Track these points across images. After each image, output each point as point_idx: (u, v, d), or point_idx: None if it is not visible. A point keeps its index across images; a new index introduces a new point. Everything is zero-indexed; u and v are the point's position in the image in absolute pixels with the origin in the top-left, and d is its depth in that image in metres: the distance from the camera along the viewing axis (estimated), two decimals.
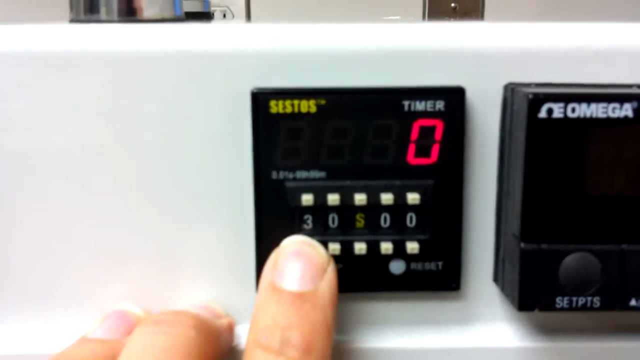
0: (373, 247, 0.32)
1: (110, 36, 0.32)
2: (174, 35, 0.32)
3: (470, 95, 0.31)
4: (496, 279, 0.33)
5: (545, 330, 0.33)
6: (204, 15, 0.47)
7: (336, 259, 0.32)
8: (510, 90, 0.31)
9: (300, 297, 0.28)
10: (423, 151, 0.31)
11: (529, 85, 0.31)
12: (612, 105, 0.29)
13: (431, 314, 0.33)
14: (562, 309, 0.30)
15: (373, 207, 0.32)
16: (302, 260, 0.30)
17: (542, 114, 0.29)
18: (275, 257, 0.30)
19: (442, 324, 0.34)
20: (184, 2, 0.42)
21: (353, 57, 0.32)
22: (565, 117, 0.29)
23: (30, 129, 0.32)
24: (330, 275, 0.30)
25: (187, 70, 0.31)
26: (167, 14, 0.36)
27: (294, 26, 0.32)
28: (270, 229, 0.32)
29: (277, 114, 0.31)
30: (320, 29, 0.32)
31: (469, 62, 0.32)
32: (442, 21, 0.52)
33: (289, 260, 0.30)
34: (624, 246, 0.30)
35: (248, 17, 0.50)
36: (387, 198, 0.31)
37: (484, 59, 0.32)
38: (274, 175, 0.32)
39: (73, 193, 0.32)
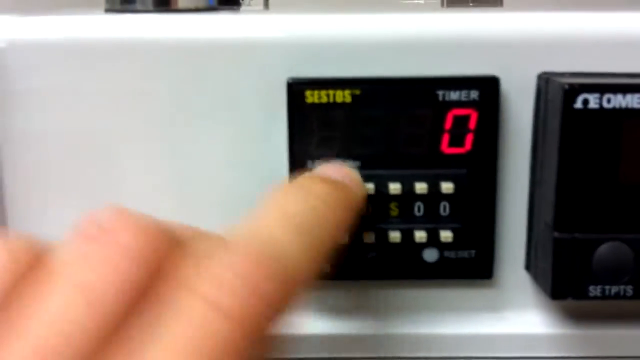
0: (407, 235, 0.32)
1: (146, 26, 0.32)
2: (210, 26, 0.32)
3: (504, 85, 0.32)
4: (528, 267, 0.33)
5: (577, 318, 0.34)
6: (234, 2, 0.47)
7: (370, 247, 0.32)
8: (545, 80, 0.31)
9: (333, 183, 0.28)
10: (457, 140, 0.32)
11: (563, 74, 0.31)
12: None
13: (464, 301, 0.34)
14: (594, 297, 0.30)
15: (407, 196, 0.32)
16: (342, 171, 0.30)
17: (578, 104, 0.29)
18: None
19: (474, 311, 0.34)
20: None
21: (388, 47, 0.32)
22: (601, 108, 0.29)
23: (69, 115, 0.32)
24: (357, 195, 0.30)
25: (222, 61, 0.32)
26: (201, 3, 0.36)
27: (329, 16, 0.32)
28: None
29: (313, 104, 0.31)
30: (355, 18, 0.32)
31: (503, 51, 0.32)
32: (462, 6, 0.52)
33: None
34: None
35: (266, 3, 0.50)
36: (421, 187, 0.32)
37: (518, 48, 0.32)
38: (309, 164, 0.32)
39: (108, 178, 0.33)
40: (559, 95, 0.29)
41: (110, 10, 0.36)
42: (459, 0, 0.56)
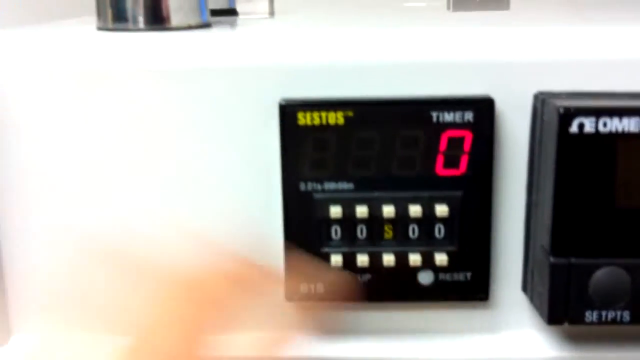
0: (401, 258, 0.32)
1: (138, 47, 0.32)
2: (202, 48, 0.32)
3: (499, 105, 0.31)
4: (525, 288, 0.33)
5: (574, 340, 0.33)
6: (230, 12, 0.47)
7: (364, 270, 0.32)
8: (541, 101, 0.31)
9: None
10: (451, 162, 0.31)
11: (559, 95, 0.31)
12: None
13: (460, 323, 0.34)
14: (591, 322, 0.30)
15: (401, 219, 0.32)
16: None
17: (574, 128, 0.29)
18: None
19: (470, 333, 0.34)
20: (210, 0, 0.42)
21: (381, 67, 0.31)
22: (597, 132, 0.29)
23: (66, 138, 0.32)
24: None
25: (215, 82, 0.31)
26: (194, 21, 0.35)
27: (322, 37, 0.32)
28: (298, 241, 0.32)
29: (305, 126, 0.31)
30: (348, 39, 0.32)
31: (498, 71, 0.31)
32: (468, 9, 0.52)
33: None
34: None
35: (271, 11, 0.49)
36: (415, 210, 0.31)
37: (512, 68, 0.31)
38: (302, 186, 0.32)
39: (103, 202, 0.33)
40: (554, 118, 0.29)
41: (102, 28, 0.35)
42: (466, 3, 0.55)
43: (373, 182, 0.32)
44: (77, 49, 0.32)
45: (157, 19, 0.34)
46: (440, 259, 0.32)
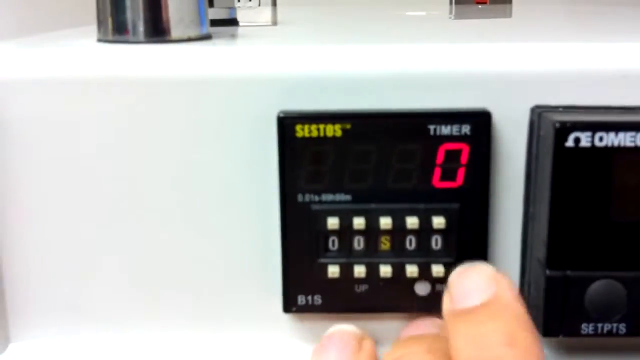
0: (398, 270, 0.32)
1: (138, 59, 0.32)
2: (201, 61, 0.32)
3: (497, 118, 0.31)
4: None
5: (570, 352, 0.33)
6: (231, 22, 0.47)
7: (361, 281, 0.32)
8: (537, 115, 0.31)
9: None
10: (448, 175, 0.31)
11: (556, 108, 0.31)
12: None
13: None
14: (587, 335, 0.30)
15: (398, 231, 0.32)
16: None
17: (569, 142, 0.29)
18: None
19: None
20: (210, 10, 0.42)
21: (379, 80, 0.32)
22: (593, 146, 0.29)
23: (63, 148, 0.33)
24: None
25: (213, 94, 0.32)
26: (194, 33, 0.36)
27: (320, 50, 0.32)
28: (296, 252, 0.32)
29: (303, 138, 0.31)
30: (346, 52, 0.32)
31: (495, 84, 0.31)
32: (470, 16, 0.52)
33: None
34: None
35: (274, 20, 0.50)
36: (412, 222, 0.32)
37: (510, 82, 0.31)
38: (300, 198, 0.32)
39: (101, 212, 0.33)
40: (550, 132, 0.29)
41: (102, 40, 0.36)
42: (468, 11, 0.56)
43: (370, 194, 0.32)
44: (77, 60, 0.32)
45: (157, 31, 0.35)
46: (437, 270, 0.32)
